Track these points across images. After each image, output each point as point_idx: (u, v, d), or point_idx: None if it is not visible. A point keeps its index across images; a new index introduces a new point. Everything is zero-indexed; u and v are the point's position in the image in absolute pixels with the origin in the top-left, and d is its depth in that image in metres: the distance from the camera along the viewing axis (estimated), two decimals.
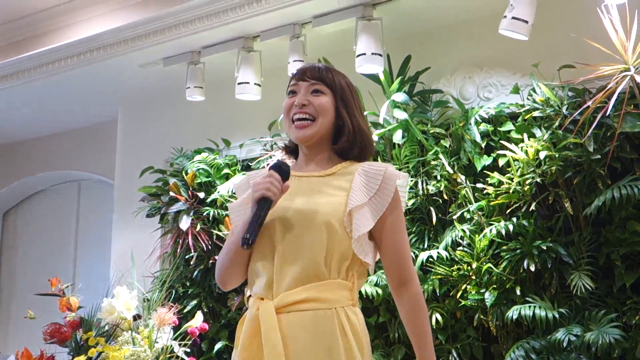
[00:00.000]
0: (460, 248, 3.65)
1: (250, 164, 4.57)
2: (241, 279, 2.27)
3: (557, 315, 3.30)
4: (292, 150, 2.34)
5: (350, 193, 2.14)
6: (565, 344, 3.21)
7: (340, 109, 2.21)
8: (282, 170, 2.14)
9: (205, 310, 4.48)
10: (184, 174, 4.72)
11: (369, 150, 2.28)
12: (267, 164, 4.08)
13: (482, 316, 3.54)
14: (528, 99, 3.68)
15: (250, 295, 2.22)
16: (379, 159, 3.95)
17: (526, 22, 3.49)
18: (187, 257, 4.61)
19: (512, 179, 3.56)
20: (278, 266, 2.12)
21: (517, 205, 3.57)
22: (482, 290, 3.53)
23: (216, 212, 4.48)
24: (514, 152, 3.55)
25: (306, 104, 2.18)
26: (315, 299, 2.08)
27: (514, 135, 3.64)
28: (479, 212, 3.65)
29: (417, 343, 2.18)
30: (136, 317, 4.21)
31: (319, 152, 2.24)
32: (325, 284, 2.10)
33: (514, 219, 3.54)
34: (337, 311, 2.10)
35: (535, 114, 3.60)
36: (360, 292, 3.66)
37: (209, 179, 4.65)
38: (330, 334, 2.08)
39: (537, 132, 3.57)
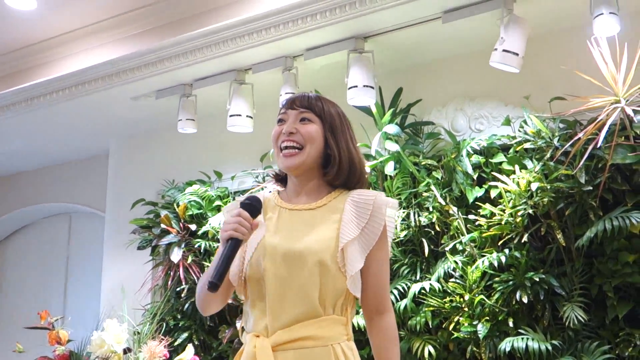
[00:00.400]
0: (453, 280, 3.64)
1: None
2: (220, 306, 2.25)
3: (550, 347, 3.29)
4: (282, 178, 2.32)
5: (342, 227, 2.11)
6: None
7: (329, 137, 2.18)
8: (252, 207, 2.08)
9: (196, 343, 4.44)
10: (175, 206, 4.70)
11: (360, 179, 2.24)
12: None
13: (475, 348, 3.52)
14: (519, 130, 3.70)
15: (243, 327, 2.20)
16: (370, 190, 3.94)
17: (517, 54, 3.52)
18: (178, 289, 4.58)
19: (504, 211, 3.56)
20: (272, 305, 2.09)
21: (509, 236, 3.56)
22: (475, 322, 3.51)
23: (208, 244, 4.46)
24: (505, 183, 3.56)
25: (294, 132, 2.16)
26: (311, 336, 2.07)
27: (505, 166, 3.65)
28: (471, 244, 3.64)
29: None
30: (126, 351, 4.16)
31: (308, 180, 2.21)
32: (320, 321, 2.09)
33: (506, 251, 3.53)
34: (334, 347, 2.08)
35: (527, 145, 3.61)
36: (352, 325, 3.65)
37: (201, 211, 4.64)
38: None
39: (529, 164, 3.58)
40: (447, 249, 3.71)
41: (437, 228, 3.77)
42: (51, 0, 4.62)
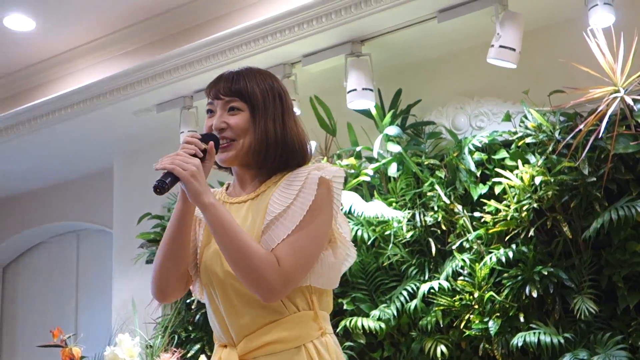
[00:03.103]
0: (461, 278, 3.63)
1: None
2: (179, 285, 2.02)
3: (562, 341, 3.28)
4: (226, 167, 2.09)
5: (267, 209, 1.92)
6: None
7: (258, 122, 1.96)
8: (207, 135, 1.95)
9: (209, 354, 4.44)
10: None
11: (299, 156, 2.01)
12: None
13: (487, 345, 3.52)
14: (520, 125, 3.70)
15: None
16: (375, 193, 3.95)
17: (514, 49, 3.53)
18: (188, 301, 4.58)
19: (509, 206, 3.56)
20: (228, 314, 1.95)
21: (515, 232, 3.56)
22: (486, 319, 3.51)
23: None
24: (509, 179, 3.56)
25: (224, 127, 1.96)
26: (279, 339, 1.90)
27: (508, 162, 3.65)
28: (478, 241, 3.64)
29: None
30: None
31: (248, 170, 2.03)
32: (286, 321, 1.92)
33: (514, 246, 3.53)
34: (306, 347, 1.91)
35: (528, 140, 3.61)
36: (363, 327, 3.66)
37: None
38: None
39: (531, 158, 3.58)
40: (454, 247, 3.71)
41: (443, 227, 3.77)
42: (49, 20, 4.65)
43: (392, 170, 3.87)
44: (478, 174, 3.75)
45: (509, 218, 3.55)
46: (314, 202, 1.88)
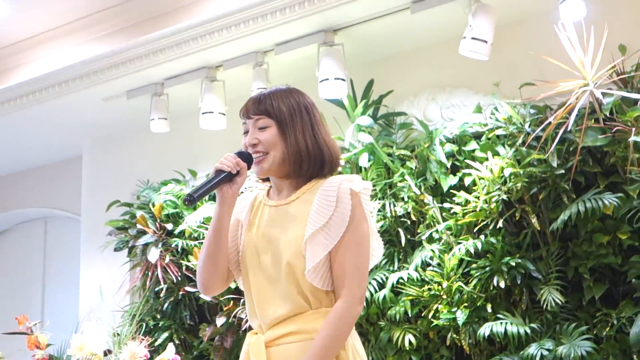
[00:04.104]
0: (430, 268, 3.66)
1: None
2: (219, 280, 2.25)
3: (528, 331, 3.32)
4: (265, 178, 2.35)
5: (308, 220, 2.14)
6: (537, 359, 3.22)
7: (288, 136, 2.18)
8: (238, 152, 2.21)
9: (177, 342, 4.43)
10: (151, 206, 4.68)
11: (330, 164, 2.22)
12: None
13: (454, 335, 3.55)
14: (491, 117, 3.72)
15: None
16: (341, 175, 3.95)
17: (485, 42, 3.55)
18: (156, 289, 4.57)
19: (478, 198, 3.59)
20: (259, 305, 2.18)
21: (484, 223, 3.59)
22: (454, 309, 3.54)
23: (185, 243, 4.45)
24: (479, 170, 3.59)
25: (255, 143, 2.19)
26: (302, 330, 2.11)
27: (478, 154, 3.68)
28: (447, 232, 3.66)
29: (314, 348, 2.07)
30: (107, 352, 4.14)
31: (284, 178, 2.25)
32: (309, 314, 2.13)
33: (482, 237, 3.56)
34: None
35: (499, 132, 3.64)
36: None
37: (177, 210, 4.62)
38: None
39: (501, 150, 3.60)
40: (423, 238, 3.73)
41: (413, 217, 3.79)
42: (20, 4, 4.59)
43: (363, 161, 3.88)
44: (448, 165, 3.77)
45: (478, 209, 3.57)
46: (352, 212, 2.12)
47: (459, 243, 3.60)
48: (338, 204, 2.12)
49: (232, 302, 4.17)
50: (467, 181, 3.66)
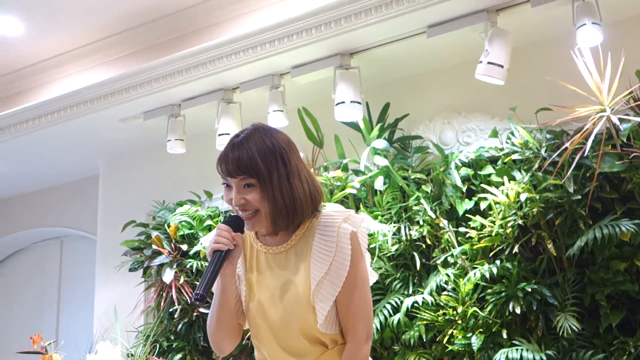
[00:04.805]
0: (445, 293, 3.64)
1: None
2: (232, 340, 2.30)
3: (544, 358, 3.29)
4: None
5: (311, 268, 2.15)
6: None
7: (267, 194, 2.14)
8: (231, 222, 2.19)
9: None
10: (166, 227, 4.69)
11: (312, 207, 2.20)
12: None
13: None
14: (507, 142, 3.71)
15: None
16: (360, 205, 3.96)
17: (502, 66, 3.54)
18: (171, 310, 4.57)
19: (494, 222, 3.57)
20: (272, 355, 2.21)
21: (500, 248, 3.57)
22: (469, 335, 3.51)
23: (199, 264, 4.45)
24: (495, 195, 3.57)
25: (243, 203, 2.15)
26: None
27: (494, 178, 3.66)
28: (463, 256, 3.64)
29: None
30: None
31: (278, 228, 2.22)
32: (327, 354, 2.16)
33: (498, 262, 3.54)
34: None
35: (515, 156, 3.63)
36: None
37: (192, 231, 4.63)
38: None
39: (517, 175, 3.59)
40: (438, 262, 3.71)
41: (428, 241, 3.78)
42: (38, 25, 4.64)
43: (379, 184, 3.87)
44: (464, 189, 3.76)
45: (493, 234, 3.55)
46: (352, 254, 2.14)
47: (475, 268, 3.58)
48: (338, 247, 2.14)
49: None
50: (483, 206, 3.65)
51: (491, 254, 3.60)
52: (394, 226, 3.83)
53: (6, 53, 4.94)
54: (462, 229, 3.70)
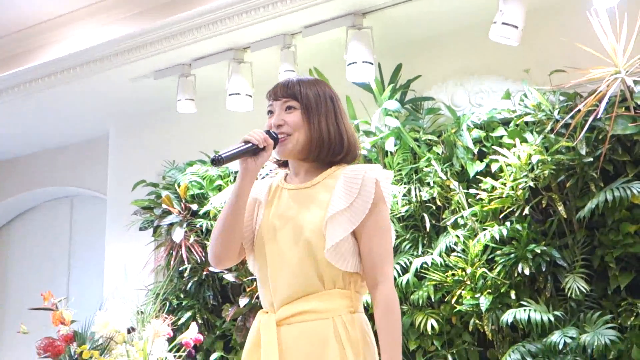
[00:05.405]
0: (455, 254, 3.65)
1: None
2: (233, 255, 2.31)
3: (552, 318, 3.30)
4: (283, 163, 2.41)
5: (330, 202, 2.20)
6: (560, 347, 3.21)
7: (312, 120, 2.25)
8: (268, 132, 2.25)
9: (199, 322, 4.45)
10: (176, 187, 4.71)
11: (350, 153, 2.31)
12: (261, 176, 4.07)
13: (477, 321, 3.54)
14: (519, 104, 3.69)
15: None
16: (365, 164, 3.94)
17: (516, 27, 3.51)
18: (180, 269, 4.59)
19: (505, 184, 3.57)
20: (273, 283, 2.22)
21: (510, 210, 3.57)
22: (477, 295, 3.53)
23: (209, 224, 4.47)
24: (506, 157, 3.56)
25: (281, 124, 2.25)
26: (313, 310, 2.16)
27: (506, 140, 3.65)
28: (473, 218, 3.65)
29: (384, 347, 2.16)
30: (130, 330, 4.18)
31: (304, 162, 2.30)
32: (322, 294, 2.18)
33: (508, 224, 3.54)
34: (334, 320, 2.16)
35: (527, 118, 3.61)
36: None
37: (202, 191, 4.64)
38: (325, 342, 2.14)
39: (529, 137, 3.58)
40: (448, 223, 3.71)
41: (439, 203, 3.78)
42: None
43: (390, 145, 3.87)
44: (475, 151, 3.75)
45: (504, 196, 3.55)
46: (374, 199, 2.18)
47: (484, 229, 3.58)
48: (362, 190, 2.19)
49: (255, 283, 4.18)
50: (494, 167, 3.64)
51: (501, 215, 3.60)
52: (405, 187, 3.83)
53: (14, 11, 4.91)
54: (472, 191, 3.70)
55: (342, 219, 2.18)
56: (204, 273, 4.51)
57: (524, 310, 3.35)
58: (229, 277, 4.30)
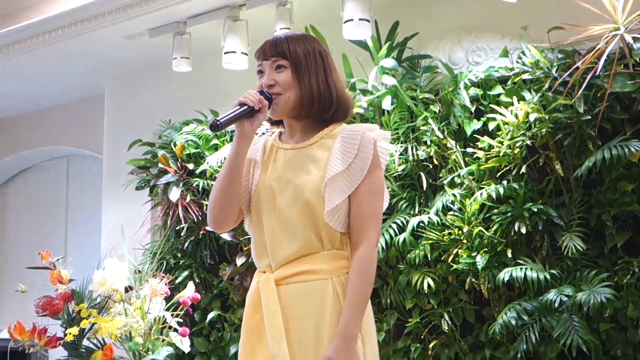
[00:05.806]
0: (451, 213, 3.64)
1: None
2: (232, 218, 2.30)
3: (548, 277, 3.31)
4: (277, 122, 2.40)
5: (328, 163, 2.20)
6: (556, 305, 3.22)
7: (302, 79, 2.23)
8: (262, 93, 2.24)
9: (197, 281, 4.47)
10: (172, 146, 4.69)
11: (341, 108, 2.29)
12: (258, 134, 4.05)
13: (473, 279, 3.55)
14: (517, 62, 3.66)
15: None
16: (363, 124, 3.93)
17: None
18: (177, 228, 4.60)
19: (502, 143, 3.55)
20: (271, 243, 2.22)
21: (507, 168, 3.56)
22: (474, 254, 3.53)
23: (206, 183, 4.46)
24: (503, 115, 3.54)
25: (272, 84, 2.23)
26: (311, 271, 2.17)
27: (503, 98, 3.63)
28: (470, 177, 3.64)
29: (346, 304, 2.13)
30: (128, 289, 4.21)
31: (298, 121, 2.29)
32: (320, 255, 2.19)
33: (505, 182, 3.54)
34: (333, 280, 2.18)
35: (525, 76, 3.58)
36: None
37: (198, 150, 4.63)
38: (323, 300, 2.16)
39: (527, 95, 3.55)
40: (445, 182, 3.71)
41: (435, 162, 3.77)
42: None
43: (386, 104, 3.84)
44: (472, 109, 3.73)
45: (501, 154, 3.54)
46: (372, 160, 2.19)
47: (481, 188, 3.58)
48: (360, 151, 2.19)
49: None
50: (491, 126, 3.62)
51: (498, 174, 3.59)
52: (401, 146, 3.82)
53: None
54: (469, 150, 3.68)
55: (340, 181, 2.18)
56: (201, 232, 4.51)
57: (520, 268, 3.36)
58: (226, 236, 4.30)
